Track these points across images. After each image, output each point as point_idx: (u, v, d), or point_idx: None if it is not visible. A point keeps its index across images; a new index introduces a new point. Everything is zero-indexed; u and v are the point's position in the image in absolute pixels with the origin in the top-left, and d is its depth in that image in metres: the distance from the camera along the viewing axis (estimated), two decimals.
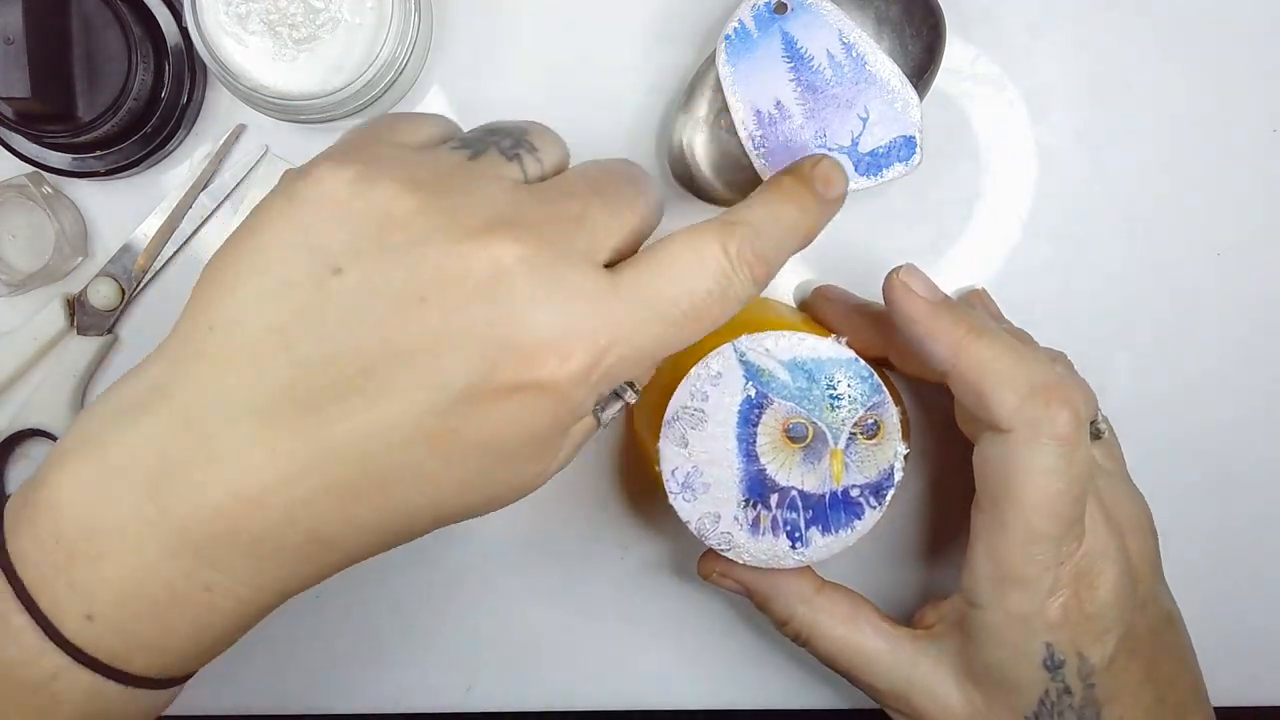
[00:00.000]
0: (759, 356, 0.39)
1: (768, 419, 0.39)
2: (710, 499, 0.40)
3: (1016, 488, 0.37)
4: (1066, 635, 0.38)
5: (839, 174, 0.36)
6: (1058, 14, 0.47)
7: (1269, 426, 0.49)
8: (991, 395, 0.37)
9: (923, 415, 0.47)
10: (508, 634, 0.50)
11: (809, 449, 0.39)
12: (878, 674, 0.42)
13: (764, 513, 0.40)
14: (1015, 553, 0.37)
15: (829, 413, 0.39)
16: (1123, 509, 0.41)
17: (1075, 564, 0.38)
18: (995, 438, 0.37)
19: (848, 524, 0.40)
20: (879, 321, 0.42)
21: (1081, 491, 0.37)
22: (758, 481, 0.40)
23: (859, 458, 0.39)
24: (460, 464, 0.30)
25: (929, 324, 0.38)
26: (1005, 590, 0.38)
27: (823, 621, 0.42)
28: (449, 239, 0.29)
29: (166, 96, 0.44)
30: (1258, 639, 0.50)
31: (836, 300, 0.45)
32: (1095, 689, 0.39)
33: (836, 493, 0.40)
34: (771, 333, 0.39)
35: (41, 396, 0.47)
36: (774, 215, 0.34)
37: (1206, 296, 0.48)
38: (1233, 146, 0.47)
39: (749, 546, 0.40)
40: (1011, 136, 0.47)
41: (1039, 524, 0.37)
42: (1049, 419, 0.36)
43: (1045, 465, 0.36)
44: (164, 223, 0.46)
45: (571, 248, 0.31)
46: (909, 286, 0.39)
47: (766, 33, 0.43)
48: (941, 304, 0.38)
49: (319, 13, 0.40)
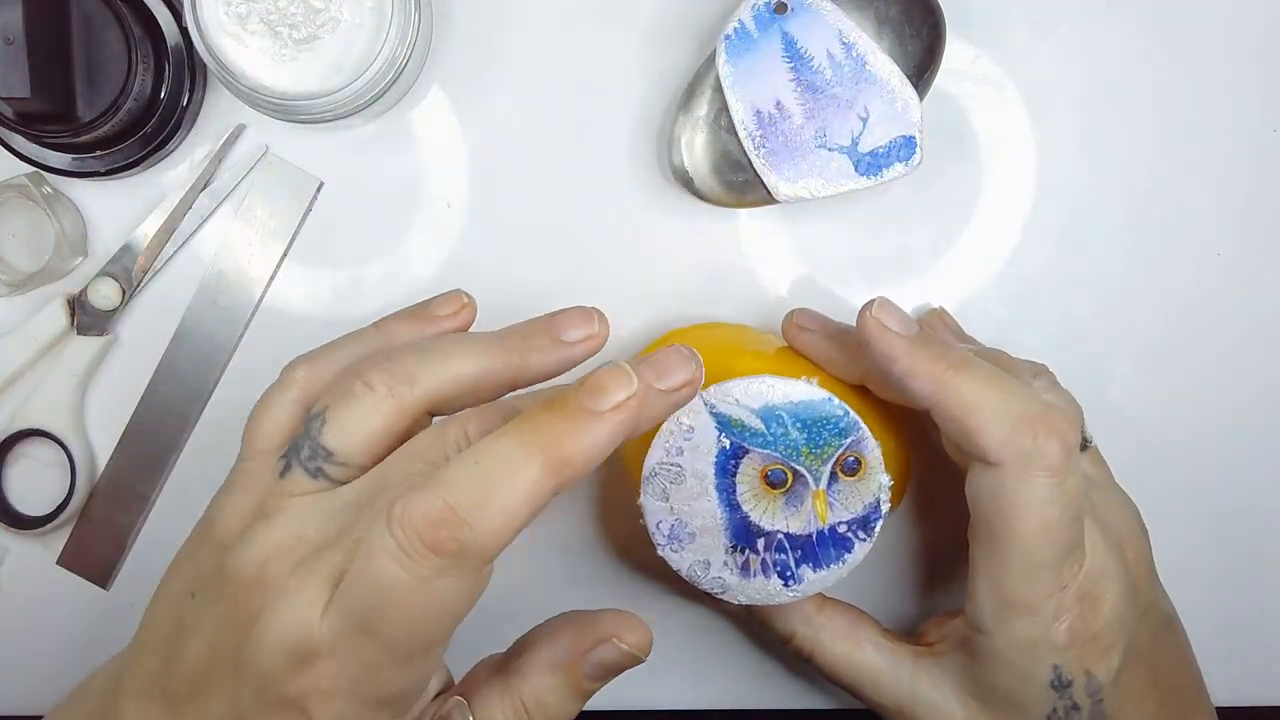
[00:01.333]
0: (729, 407, 0.38)
1: (745, 468, 0.38)
2: (697, 547, 0.39)
3: (1013, 520, 0.37)
4: (1074, 656, 0.38)
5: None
6: (1058, 14, 0.47)
7: (1268, 426, 0.49)
8: (978, 430, 0.37)
9: (910, 425, 0.47)
10: (507, 634, 0.49)
11: (790, 493, 0.38)
12: (880, 690, 0.42)
13: (753, 556, 0.39)
14: (1017, 581, 0.37)
15: (807, 455, 0.38)
16: (1116, 519, 0.41)
17: (1078, 586, 0.38)
18: (986, 471, 0.37)
19: (838, 559, 0.39)
20: (856, 349, 0.40)
21: (1077, 515, 0.37)
22: (742, 529, 0.39)
23: (843, 495, 0.39)
24: None
25: (907, 362, 0.37)
26: (1010, 617, 0.38)
27: (824, 639, 0.42)
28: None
29: (166, 96, 0.44)
30: (1257, 639, 0.50)
31: (812, 330, 0.42)
32: (1103, 704, 0.39)
33: (824, 531, 0.39)
34: (740, 380, 0.38)
35: (41, 396, 0.47)
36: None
37: (1206, 297, 0.48)
38: (1233, 147, 0.47)
39: (743, 588, 0.40)
40: (1011, 136, 0.47)
41: (1038, 553, 0.37)
42: (1039, 452, 0.36)
43: (1039, 497, 0.36)
44: (164, 223, 0.46)
45: None
46: (884, 324, 0.38)
47: (766, 33, 0.43)
48: (918, 340, 0.38)
49: (319, 13, 0.40)
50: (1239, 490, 0.49)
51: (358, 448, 0.34)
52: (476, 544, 0.30)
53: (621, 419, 0.31)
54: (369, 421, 0.34)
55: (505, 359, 0.35)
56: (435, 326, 0.38)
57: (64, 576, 0.48)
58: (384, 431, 0.34)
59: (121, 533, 0.48)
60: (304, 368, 0.37)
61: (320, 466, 0.34)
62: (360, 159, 0.47)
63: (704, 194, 0.44)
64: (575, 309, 0.37)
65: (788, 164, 0.43)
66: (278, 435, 0.36)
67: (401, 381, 0.34)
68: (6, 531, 0.48)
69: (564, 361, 0.36)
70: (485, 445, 0.31)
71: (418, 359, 0.35)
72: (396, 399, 0.34)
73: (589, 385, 0.31)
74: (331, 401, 0.34)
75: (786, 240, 0.48)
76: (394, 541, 0.29)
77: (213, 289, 0.47)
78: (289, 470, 0.34)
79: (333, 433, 0.34)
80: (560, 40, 0.46)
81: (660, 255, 0.47)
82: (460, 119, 0.47)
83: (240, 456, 0.36)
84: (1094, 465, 0.43)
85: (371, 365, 0.35)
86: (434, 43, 0.46)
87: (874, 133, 0.43)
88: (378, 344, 0.38)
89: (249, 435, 0.36)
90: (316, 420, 0.34)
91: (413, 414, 0.34)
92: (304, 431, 0.34)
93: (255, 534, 0.33)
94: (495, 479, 0.30)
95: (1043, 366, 0.43)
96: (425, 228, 0.47)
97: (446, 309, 0.39)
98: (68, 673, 0.49)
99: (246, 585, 0.32)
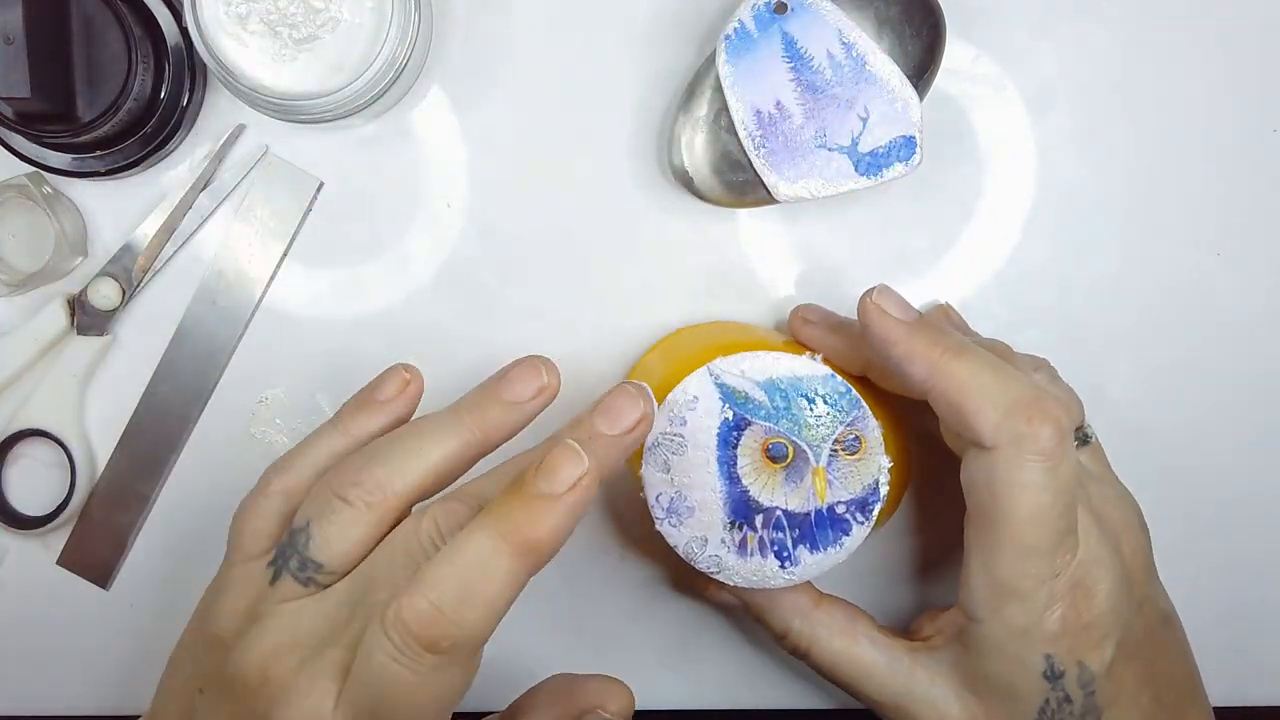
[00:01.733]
0: (734, 379, 0.39)
1: (747, 441, 0.39)
2: (696, 522, 0.39)
3: (1005, 504, 0.37)
4: (1066, 645, 0.38)
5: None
6: (1058, 14, 0.47)
7: (1269, 426, 0.49)
8: (972, 414, 0.37)
9: (910, 423, 0.47)
10: (506, 634, 0.49)
11: (791, 468, 0.39)
12: (876, 686, 0.42)
13: (750, 534, 0.39)
14: (1009, 568, 0.37)
15: (808, 431, 0.39)
16: (1114, 512, 0.41)
17: (1070, 574, 0.38)
18: (980, 455, 0.37)
19: (836, 541, 0.40)
20: (859, 340, 0.41)
21: (1070, 502, 0.37)
22: (741, 503, 0.39)
23: (842, 474, 0.39)
24: None
25: (905, 346, 0.38)
26: (1002, 604, 0.38)
27: (820, 635, 0.42)
28: None
29: (166, 96, 0.44)
30: (1257, 639, 0.50)
31: (815, 322, 0.44)
32: (1095, 695, 0.39)
33: (822, 511, 0.39)
34: (746, 354, 0.39)
35: (41, 396, 0.47)
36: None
37: (1206, 296, 0.48)
38: (1233, 146, 0.47)
39: (738, 568, 0.40)
40: (1011, 136, 0.47)
41: (1030, 539, 0.37)
42: (1032, 435, 0.36)
43: (1032, 481, 0.36)
44: (164, 223, 0.46)
45: None
46: (883, 309, 0.39)
47: (766, 33, 0.43)
48: (916, 324, 0.38)
49: (319, 13, 0.40)
50: (1239, 489, 0.49)
51: (343, 557, 0.36)
52: (465, 638, 0.32)
53: (578, 498, 0.33)
54: (350, 533, 0.36)
55: (466, 438, 0.37)
56: (388, 412, 0.40)
57: (64, 576, 0.48)
58: (366, 539, 0.36)
59: (121, 533, 0.48)
60: (278, 477, 0.39)
61: (310, 576, 0.36)
62: (360, 159, 0.47)
63: (704, 194, 0.44)
64: (522, 364, 0.38)
65: (788, 164, 0.43)
66: (263, 541, 0.38)
67: (374, 492, 0.36)
68: (6, 531, 0.48)
69: (522, 422, 0.38)
70: (459, 544, 0.33)
71: (385, 467, 0.36)
72: (373, 509, 0.36)
73: (544, 469, 0.34)
74: (314, 516, 0.36)
75: (786, 240, 0.48)
76: (391, 644, 0.32)
77: (213, 289, 0.47)
78: (279, 578, 0.36)
79: (318, 547, 0.36)
80: (560, 40, 0.46)
81: (660, 255, 0.47)
82: (460, 119, 0.47)
83: (228, 559, 0.39)
84: (1094, 460, 0.43)
85: (345, 480, 0.36)
86: (434, 43, 0.46)
87: (874, 133, 0.43)
88: (340, 445, 0.39)
89: (235, 540, 0.39)
90: (301, 535, 0.36)
91: (391, 518, 0.37)
92: (289, 542, 0.37)
93: (254, 637, 0.35)
94: (473, 576, 0.32)
95: (1044, 360, 0.44)
96: (425, 228, 0.47)
97: (392, 389, 0.40)
98: (68, 673, 0.49)
99: (252, 686, 0.34)
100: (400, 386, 0.40)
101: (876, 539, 0.43)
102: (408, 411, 0.40)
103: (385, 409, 0.40)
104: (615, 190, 0.47)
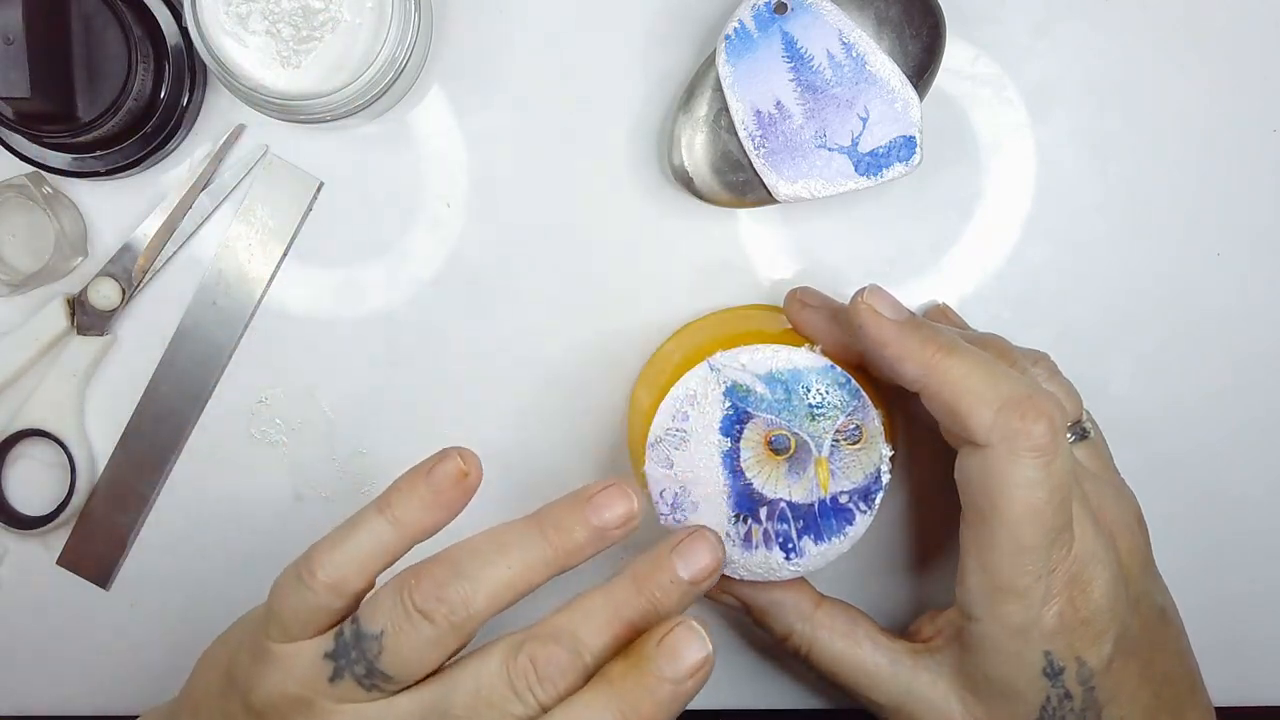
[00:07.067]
0: (735, 372, 0.39)
1: (749, 433, 0.39)
2: (700, 517, 0.40)
3: (1000, 502, 0.37)
4: (1064, 641, 0.38)
5: (693, 644, 0.35)
6: (1058, 14, 0.47)
7: (1269, 426, 0.49)
8: (966, 412, 0.37)
9: (907, 418, 0.47)
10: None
11: (793, 459, 0.39)
12: (877, 688, 0.42)
13: (755, 526, 0.40)
14: (1005, 565, 0.37)
15: (810, 422, 0.39)
16: (1110, 509, 0.41)
17: (1067, 570, 0.38)
18: (974, 453, 0.37)
19: (839, 531, 0.40)
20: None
21: (1065, 498, 0.37)
22: (745, 496, 0.39)
23: (844, 464, 0.39)
24: None
25: (897, 346, 0.38)
26: (999, 602, 0.38)
27: (821, 637, 0.42)
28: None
29: (166, 96, 0.44)
30: (1256, 639, 0.50)
31: (814, 307, 0.43)
32: (1095, 691, 0.39)
33: (825, 501, 0.40)
34: (746, 348, 0.39)
35: (41, 396, 0.47)
36: None
37: (1206, 296, 0.48)
38: (1233, 147, 0.47)
39: (744, 561, 0.40)
40: (1011, 136, 0.47)
41: (1025, 535, 0.37)
42: (1025, 432, 0.36)
43: (1026, 478, 0.36)
44: (164, 223, 0.46)
45: None
46: (874, 309, 0.38)
47: (766, 33, 0.43)
48: (908, 324, 0.38)
49: (319, 13, 0.40)
50: (1239, 489, 0.49)
51: (417, 672, 0.35)
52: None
53: (697, 686, 0.34)
54: (429, 654, 0.35)
55: (548, 558, 0.36)
56: (443, 506, 0.36)
57: (64, 576, 0.48)
58: (443, 658, 0.35)
59: (121, 533, 0.48)
60: (323, 568, 0.36)
61: (376, 684, 0.35)
62: (360, 159, 0.47)
63: (704, 194, 0.44)
64: (611, 490, 0.36)
65: (788, 164, 0.43)
66: (308, 629, 0.36)
67: (459, 610, 0.34)
68: (6, 531, 0.48)
69: (602, 549, 0.36)
70: (577, 716, 0.33)
71: (469, 583, 0.35)
72: (456, 631, 0.35)
73: (667, 650, 0.34)
74: (390, 628, 0.34)
75: (786, 240, 0.48)
76: None
77: (213, 289, 0.47)
78: (340, 678, 0.35)
79: (390, 661, 0.34)
80: (560, 40, 0.46)
81: (660, 255, 0.47)
82: (460, 119, 0.47)
83: (268, 633, 0.36)
84: (1093, 456, 0.43)
85: (427, 594, 0.34)
86: (434, 43, 0.46)
87: (874, 133, 0.43)
88: (389, 538, 0.36)
89: (276, 614, 0.36)
90: (372, 644, 0.35)
91: (469, 637, 0.35)
92: (356, 644, 0.35)
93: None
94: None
95: (1043, 355, 0.44)
96: (425, 228, 0.47)
97: (446, 480, 0.36)
98: (68, 673, 0.49)
99: None
100: (457, 478, 0.36)
101: (877, 537, 0.43)
102: (462, 506, 0.37)
103: (440, 503, 0.36)
104: (615, 190, 0.47)
